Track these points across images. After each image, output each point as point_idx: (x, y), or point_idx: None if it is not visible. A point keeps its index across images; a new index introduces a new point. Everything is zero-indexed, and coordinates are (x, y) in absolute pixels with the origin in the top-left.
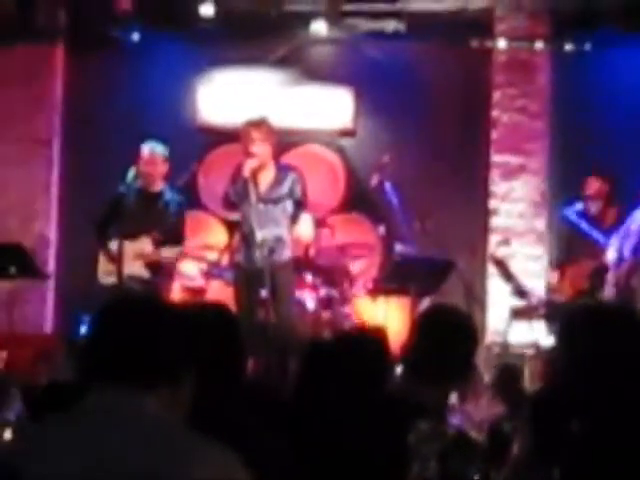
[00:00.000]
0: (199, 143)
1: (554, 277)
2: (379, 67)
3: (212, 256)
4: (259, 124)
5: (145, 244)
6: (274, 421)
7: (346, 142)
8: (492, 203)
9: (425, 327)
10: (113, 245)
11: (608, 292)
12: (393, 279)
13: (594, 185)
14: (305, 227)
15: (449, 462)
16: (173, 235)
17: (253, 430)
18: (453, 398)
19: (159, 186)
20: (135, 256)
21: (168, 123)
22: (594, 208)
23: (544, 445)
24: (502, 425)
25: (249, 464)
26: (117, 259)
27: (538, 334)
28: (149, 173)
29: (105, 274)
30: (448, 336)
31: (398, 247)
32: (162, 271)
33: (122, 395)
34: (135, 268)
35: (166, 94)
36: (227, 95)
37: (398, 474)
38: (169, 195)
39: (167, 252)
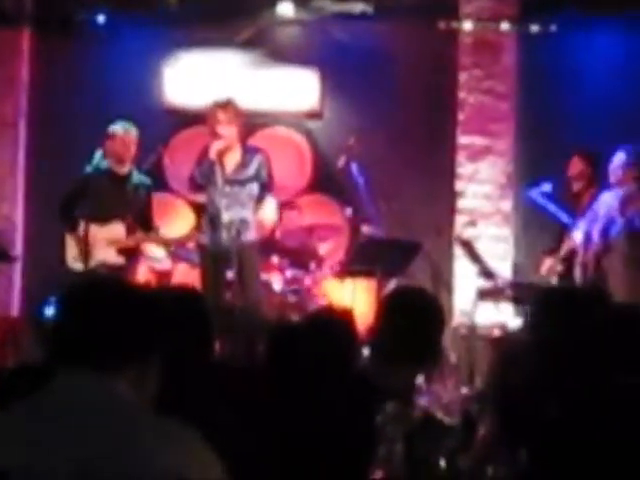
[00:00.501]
0: (166, 125)
1: (547, 264)
2: (346, 49)
3: (178, 238)
4: (226, 105)
5: (117, 229)
6: (241, 403)
7: (313, 124)
8: (458, 185)
9: (391, 309)
10: (81, 229)
11: (577, 275)
12: (360, 261)
13: (577, 166)
14: (269, 211)
15: (415, 444)
16: (144, 220)
17: (220, 413)
18: (420, 379)
19: (127, 168)
20: (108, 242)
21: (135, 105)
22: (576, 188)
23: (511, 427)
24: (470, 407)
25: (216, 447)
26: (84, 243)
27: (505, 315)
28: (121, 154)
29: (74, 259)
30: (414, 318)
31: (365, 229)
32: (133, 256)
33: (88, 378)
34: (108, 254)
35: (132, 76)
36: (193, 77)
37: (365, 456)
38: (137, 178)
39: (142, 238)
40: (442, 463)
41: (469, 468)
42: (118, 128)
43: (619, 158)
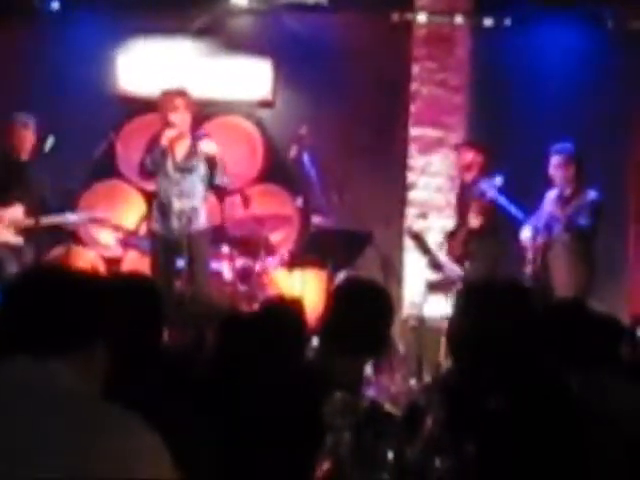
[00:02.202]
0: (118, 112)
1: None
2: (299, 39)
3: (129, 225)
4: (178, 93)
5: (16, 211)
6: (188, 390)
7: (264, 113)
8: (410, 176)
9: (340, 299)
10: None
11: (526, 270)
12: (310, 251)
13: (466, 155)
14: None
15: (362, 435)
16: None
17: (167, 399)
18: (368, 370)
19: (27, 156)
20: (8, 223)
21: (87, 92)
22: (467, 178)
23: (456, 421)
24: (417, 399)
25: (164, 435)
26: None
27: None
28: (17, 145)
29: None
30: (362, 308)
31: (315, 219)
32: (71, 238)
33: (30, 365)
34: (7, 236)
35: (85, 63)
36: (146, 65)
37: (312, 446)
38: (38, 164)
39: (54, 219)
40: (389, 454)
41: (416, 459)
42: (17, 120)
43: (556, 159)
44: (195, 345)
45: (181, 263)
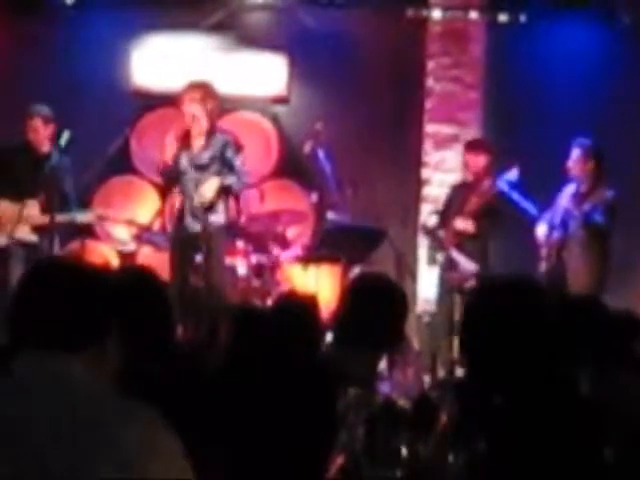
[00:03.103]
0: (132, 107)
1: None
2: (314, 35)
3: (144, 220)
4: (197, 85)
5: (33, 208)
6: (203, 387)
7: (280, 109)
8: (424, 172)
9: (354, 295)
10: None
11: (541, 267)
12: (324, 247)
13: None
14: (208, 187)
15: (376, 430)
16: (61, 199)
17: (181, 398)
18: (382, 366)
19: (47, 148)
20: (22, 219)
21: (102, 87)
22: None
23: (468, 417)
24: (429, 394)
25: (178, 432)
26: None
27: None
28: (33, 138)
29: None
30: (377, 304)
31: (330, 215)
32: (86, 233)
33: (45, 360)
34: (23, 232)
35: (100, 58)
36: (161, 60)
37: (326, 441)
38: (56, 159)
39: (68, 216)
40: (403, 449)
41: (429, 456)
42: (36, 112)
43: (576, 152)
44: (208, 340)
45: (199, 258)
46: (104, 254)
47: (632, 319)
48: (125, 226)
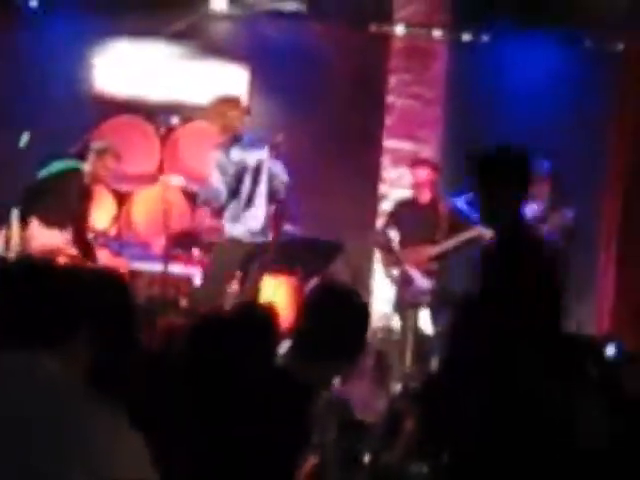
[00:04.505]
0: (94, 113)
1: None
2: (277, 46)
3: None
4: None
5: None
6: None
7: None
8: (382, 188)
9: (315, 304)
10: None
11: None
12: (281, 259)
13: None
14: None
15: (344, 436)
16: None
17: (147, 395)
18: (335, 379)
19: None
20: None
21: (64, 92)
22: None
23: (432, 428)
24: (395, 404)
25: (145, 433)
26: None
27: (422, 321)
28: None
29: (9, 248)
30: (338, 314)
31: (287, 227)
32: None
33: (20, 357)
34: None
35: (63, 62)
36: (123, 66)
37: (296, 446)
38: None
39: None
40: (366, 459)
41: (393, 464)
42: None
43: (534, 174)
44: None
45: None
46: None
47: (584, 341)
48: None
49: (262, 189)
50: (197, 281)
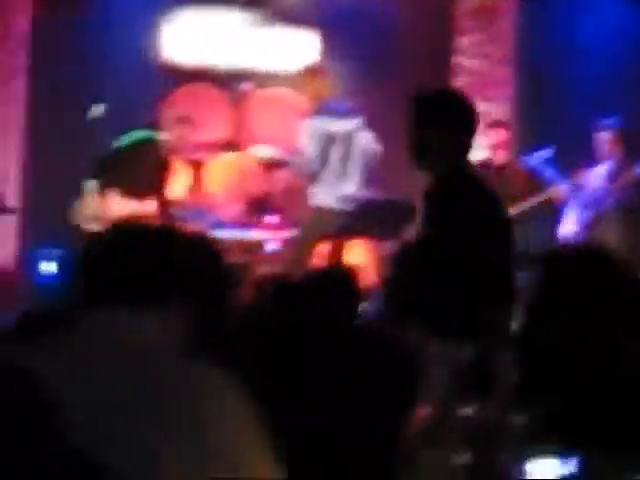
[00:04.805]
0: (163, 82)
1: None
2: (348, 10)
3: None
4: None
5: (151, 206)
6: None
7: None
8: None
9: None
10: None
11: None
12: (358, 221)
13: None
14: None
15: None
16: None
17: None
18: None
19: None
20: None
21: (132, 61)
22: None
23: (533, 378)
24: (486, 360)
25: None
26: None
27: None
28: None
29: (86, 219)
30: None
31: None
32: None
33: (115, 316)
34: None
35: (131, 32)
36: (192, 34)
37: (404, 400)
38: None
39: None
40: (468, 410)
41: (493, 417)
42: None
43: (605, 132)
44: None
45: None
46: None
47: None
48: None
49: (354, 158)
50: (272, 247)
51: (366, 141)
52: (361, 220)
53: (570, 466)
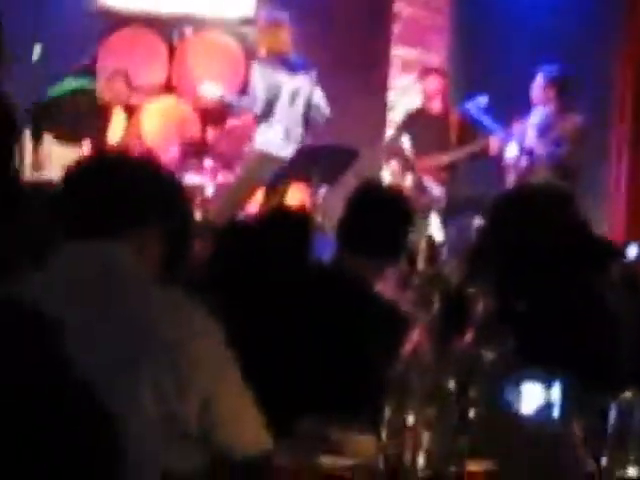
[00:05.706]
0: (99, 26)
1: None
2: None
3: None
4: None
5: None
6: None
7: (247, 30)
8: (391, 96)
9: (360, 202)
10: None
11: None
12: (295, 166)
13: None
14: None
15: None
16: None
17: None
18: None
19: None
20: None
21: (70, 6)
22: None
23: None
24: (463, 289)
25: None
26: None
27: (432, 227)
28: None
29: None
30: (382, 212)
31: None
32: None
33: (91, 244)
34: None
35: None
36: None
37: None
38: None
39: None
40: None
41: (465, 351)
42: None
43: (539, 79)
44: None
45: None
46: None
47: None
48: None
49: (297, 111)
50: (210, 191)
51: (315, 101)
52: (301, 165)
53: (549, 393)
